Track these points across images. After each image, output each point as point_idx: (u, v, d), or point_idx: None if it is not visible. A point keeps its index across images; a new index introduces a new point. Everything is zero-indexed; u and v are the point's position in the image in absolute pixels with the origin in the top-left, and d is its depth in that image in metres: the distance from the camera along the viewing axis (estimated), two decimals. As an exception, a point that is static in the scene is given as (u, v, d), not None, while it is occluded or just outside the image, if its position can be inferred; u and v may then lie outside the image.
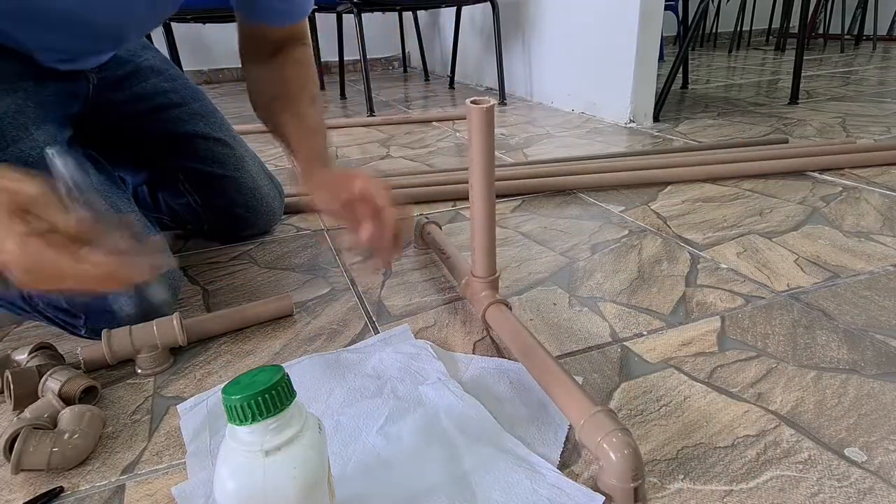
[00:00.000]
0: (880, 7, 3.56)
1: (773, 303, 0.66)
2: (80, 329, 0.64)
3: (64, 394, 0.52)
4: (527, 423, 0.49)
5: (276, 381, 0.30)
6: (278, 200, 0.95)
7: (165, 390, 0.56)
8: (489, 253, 0.60)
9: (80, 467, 0.47)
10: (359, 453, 0.45)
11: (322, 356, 0.58)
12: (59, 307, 0.63)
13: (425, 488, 0.41)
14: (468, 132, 0.55)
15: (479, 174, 0.55)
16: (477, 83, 2.75)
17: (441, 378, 0.53)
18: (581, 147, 1.45)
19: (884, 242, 0.80)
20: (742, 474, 0.43)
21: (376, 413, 0.49)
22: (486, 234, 0.58)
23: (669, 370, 0.55)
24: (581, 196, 1.06)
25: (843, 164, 1.13)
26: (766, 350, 0.58)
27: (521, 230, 0.92)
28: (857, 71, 2.52)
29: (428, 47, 3.27)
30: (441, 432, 0.47)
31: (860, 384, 0.52)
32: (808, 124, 1.55)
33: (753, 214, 0.93)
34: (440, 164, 1.35)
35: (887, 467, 0.43)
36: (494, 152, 0.55)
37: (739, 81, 2.43)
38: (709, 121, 1.66)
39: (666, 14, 1.86)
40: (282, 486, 0.30)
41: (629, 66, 1.63)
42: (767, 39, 4.23)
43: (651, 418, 0.49)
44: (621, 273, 0.76)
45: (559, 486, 0.42)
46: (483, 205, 0.57)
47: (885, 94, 1.93)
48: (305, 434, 0.31)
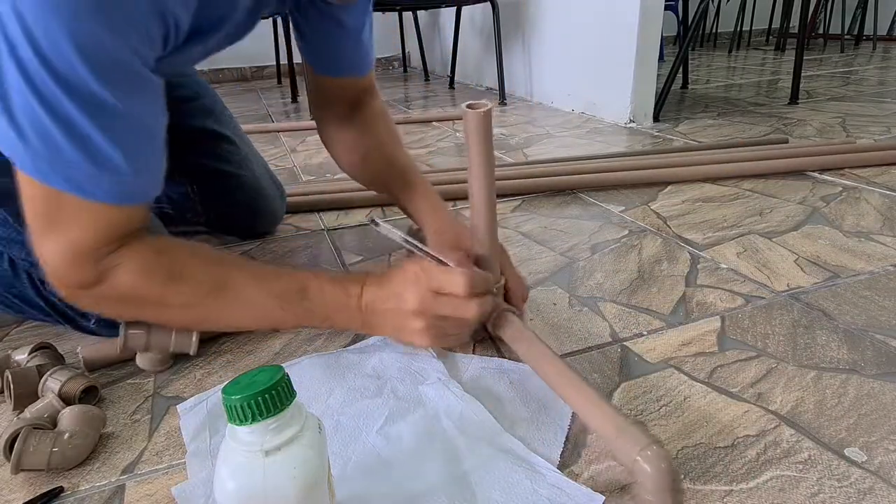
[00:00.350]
0: (880, 7, 3.56)
1: (773, 303, 0.66)
2: (89, 319, 0.64)
3: (64, 394, 0.52)
4: (527, 423, 0.48)
5: (276, 381, 0.30)
6: (280, 202, 0.95)
7: (165, 390, 0.56)
8: (492, 262, 0.59)
9: (80, 467, 0.47)
10: (359, 453, 0.45)
11: (322, 356, 0.58)
12: None
13: (425, 488, 0.41)
14: (465, 138, 0.53)
15: (480, 183, 0.54)
16: (477, 83, 2.75)
17: (441, 378, 0.53)
18: (581, 147, 1.45)
19: (884, 242, 0.80)
20: (742, 474, 0.43)
21: (376, 413, 0.49)
22: (488, 238, 0.57)
23: (669, 370, 0.55)
24: (581, 196, 1.06)
25: (843, 164, 1.13)
26: (766, 350, 0.58)
27: (521, 230, 0.92)
28: (857, 71, 2.52)
29: (428, 47, 3.27)
30: (441, 432, 0.47)
31: (860, 384, 0.52)
32: (808, 124, 1.55)
33: (753, 214, 0.93)
34: (440, 164, 1.35)
35: (887, 467, 0.43)
36: (494, 159, 0.53)
37: (739, 81, 2.43)
38: (709, 121, 1.66)
39: (666, 14, 1.86)
40: (282, 486, 0.30)
41: (629, 66, 1.63)
42: (767, 39, 4.23)
43: (651, 418, 0.49)
44: (621, 273, 0.76)
45: (559, 486, 0.42)
46: (484, 210, 0.55)
47: (885, 94, 1.93)
48: (305, 434, 0.31)
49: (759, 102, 1.91)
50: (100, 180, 0.46)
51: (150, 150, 0.50)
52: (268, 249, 0.89)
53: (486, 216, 0.56)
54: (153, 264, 0.51)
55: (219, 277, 0.52)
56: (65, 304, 0.63)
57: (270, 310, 0.53)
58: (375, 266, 0.82)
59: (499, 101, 2.18)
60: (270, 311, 0.53)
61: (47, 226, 0.48)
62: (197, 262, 0.53)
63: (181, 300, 0.52)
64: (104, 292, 0.50)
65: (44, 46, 0.40)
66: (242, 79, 3.40)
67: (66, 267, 0.49)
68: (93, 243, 0.48)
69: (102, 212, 0.47)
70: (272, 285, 0.53)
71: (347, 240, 0.92)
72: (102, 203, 0.47)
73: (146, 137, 0.49)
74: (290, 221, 1.01)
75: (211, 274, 0.52)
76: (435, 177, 1.18)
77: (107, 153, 0.45)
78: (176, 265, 0.52)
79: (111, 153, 0.45)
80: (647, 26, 1.57)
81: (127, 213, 0.49)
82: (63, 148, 0.43)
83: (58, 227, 0.47)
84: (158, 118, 0.51)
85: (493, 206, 0.56)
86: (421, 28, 3.11)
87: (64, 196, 0.45)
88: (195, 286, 0.52)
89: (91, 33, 0.40)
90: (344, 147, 0.80)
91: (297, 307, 0.53)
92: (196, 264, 0.53)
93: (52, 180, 0.45)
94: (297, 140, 1.69)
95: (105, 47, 0.41)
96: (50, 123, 0.42)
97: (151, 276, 0.50)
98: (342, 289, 0.54)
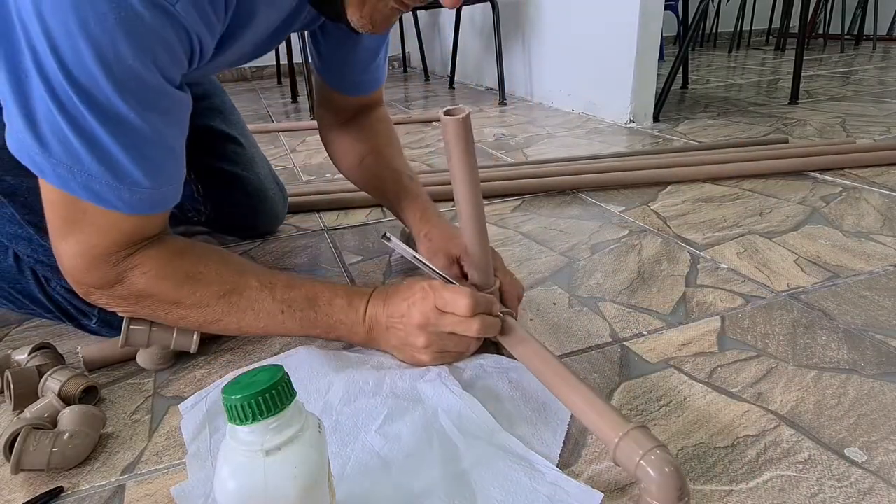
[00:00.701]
0: (880, 7, 3.56)
1: (773, 303, 0.66)
2: (91, 318, 0.64)
3: (64, 394, 0.52)
4: (526, 422, 0.48)
5: (276, 380, 0.30)
6: (282, 205, 0.95)
7: (165, 390, 0.56)
8: (484, 267, 0.59)
9: (80, 467, 0.47)
10: (358, 452, 0.45)
11: (321, 350, 0.58)
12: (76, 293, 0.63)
13: (425, 487, 0.41)
14: (445, 145, 0.52)
15: (465, 189, 0.53)
16: (477, 83, 2.75)
17: (440, 376, 0.53)
18: (581, 147, 1.45)
19: (884, 242, 0.80)
20: (742, 474, 0.43)
21: (375, 412, 0.49)
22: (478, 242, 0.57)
23: (669, 370, 0.55)
24: (581, 196, 1.06)
25: (843, 164, 1.13)
26: (766, 350, 0.58)
27: (521, 230, 0.92)
28: (857, 71, 2.52)
29: (428, 47, 3.27)
30: (440, 431, 0.47)
31: (860, 384, 0.52)
32: (808, 124, 1.55)
33: (753, 214, 0.93)
34: (440, 164, 1.35)
35: (887, 467, 0.43)
36: (477, 162, 0.53)
37: (739, 81, 2.43)
38: (709, 121, 1.66)
39: (666, 14, 1.86)
40: (282, 486, 0.30)
41: (629, 66, 1.63)
42: (767, 39, 4.23)
43: (651, 418, 0.49)
44: (621, 273, 0.76)
45: (558, 483, 0.42)
46: (472, 215, 0.55)
47: (885, 94, 1.93)
48: (306, 433, 0.31)
49: (759, 102, 1.91)
50: (119, 192, 0.46)
51: (171, 164, 0.50)
52: (268, 249, 0.89)
53: (474, 221, 0.56)
54: (170, 268, 0.52)
55: (232, 282, 0.53)
56: (67, 303, 0.64)
57: (279, 318, 0.54)
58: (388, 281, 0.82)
59: (499, 101, 2.18)
60: (279, 319, 0.54)
61: (66, 228, 0.48)
62: (213, 266, 0.54)
63: (194, 301, 0.53)
64: (119, 292, 0.51)
65: (67, 58, 0.40)
66: (242, 79, 3.40)
67: (84, 268, 0.50)
68: (111, 248, 0.49)
69: (122, 220, 0.48)
70: (283, 294, 0.54)
71: (347, 240, 0.92)
72: (121, 213, 0.47)
73: (167, 151, 0.49)
74: (291, 221, 1.01)
75: (225, 279, 0.53)
76: (435, 177, 1.18)
77: (126, 168, 0.45)
78: (193, 268, 0.53)
79: (130, 168, 0.45)
80: (647, 26, 1.57)
81: (146, 221, 0.50)
82: (83, 159, 0.44)
83: (77, 230, 0.48)
84: (181, 133, 0.51)
85: (481, 211, 0.56)
86: (421, 28, 3.11)
87: (83, 203, 0.46)
88: (209, 290, 0.53)
89: (114, 48, 0.41)
90: (342, 149, 0.81)
91: (304, 317, 0.54)
92: (212, 268, 0.53)
93: (72, 188, 0.45)
94: (297, 140, 1.69)
95: (127, 62, 0.42)
96: (71, 134, 0.43)
97: (167, 279, 0.51)
98: (348, 301, 0.55)
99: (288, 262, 0.84)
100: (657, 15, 1.58)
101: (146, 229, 0.50)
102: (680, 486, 0.37)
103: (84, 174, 0.44)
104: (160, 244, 0.52)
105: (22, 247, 0.62)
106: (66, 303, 0.64)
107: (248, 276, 0.54)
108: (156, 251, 0.51)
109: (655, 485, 0.37)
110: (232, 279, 0.54)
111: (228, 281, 0.53)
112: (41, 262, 0.62)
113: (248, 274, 0.55)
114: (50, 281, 0.63)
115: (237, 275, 0.54)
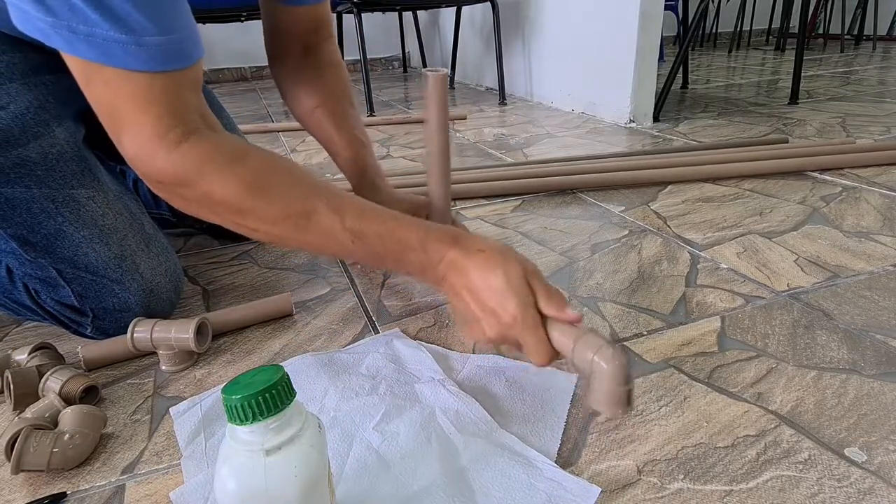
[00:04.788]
0: (880, 7, 3.56)
1: (773, 303, 0.66)
2: (86, 327, 0.64)
3: (64, 394, 0.52)
4: (523, 419, 0.49)
5: (275, 380, 0.30)
6: None
7: (165, 390, 0.56)
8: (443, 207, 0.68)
9: (80, 467, 0.47)
10: (356, 451, 0.45)
11: (315, 356, 0.58)
12: (68, 304, 0.63)
13: (423, 485, 0.42)
14: (425, 98, 0.64)
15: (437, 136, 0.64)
16: (477, 83, 2.75)
17: (436, 377, 0.53)
18: (581, 147, 1.45)
19: (884, 242, 0.80)
20: (742, 474, 0.43)
21: (372, 411, 0.49)
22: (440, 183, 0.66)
23: (669, 370, 0.55)
24: (581, 196, 1.06)
25: (843, 164, 1.13)
26: (766, 350, 0.58)
27: (521, 230, 0.92)
28: (857, 71, 2.52)
29: (428, 47, 3.27)
30: (437, 429, 0.47)
31: (860, 384, 0.52)
32: (808, 124, 1.55)
33: (753, 214, 0.93)
34: (440, 164, 1.35)
35: (887, 467, 0.43)
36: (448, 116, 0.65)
37: (739, 81, 2.43)
38: (709, 121, 1.66)
39: (666, 14, 1.86)
40: (283, 486, 0.30)
41: (629, 66, 1.63)
42: (767, 39, 4.23)
43: (651, 418, 0.49)
44: (621, 273, 0.76)
45: (556, 479, 0.42)
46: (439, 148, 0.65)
47: (885, 94, 1.93)
48: (306, 433, 0.31)
49: (759, 102, 1.92)
50: (126, 46, 0.45)
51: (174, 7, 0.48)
52: (268, 249, 0.89)
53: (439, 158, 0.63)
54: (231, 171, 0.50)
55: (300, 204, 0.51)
56: (59, 314, 0.64)
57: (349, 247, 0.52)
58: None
59: (499, 101, 2.18)
60: (349, 248, 0.52)
61: (113, 124, 0.48)
62: (277, 180, 0.52)
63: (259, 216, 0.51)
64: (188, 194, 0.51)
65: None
66: (242, 79, 3.40)
67: (147, 159, 0.49)
68: (157, 126, 0.48)
69: (146, 82, 0.47)
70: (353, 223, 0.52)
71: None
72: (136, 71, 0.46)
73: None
74: (290, 221, 1.00)
75: (292, 198, 0.51)
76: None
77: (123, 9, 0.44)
78: (256, 179, 0.51)
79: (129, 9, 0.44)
80: (647, 26, 1.57)
81: (173, 83, 0.48)
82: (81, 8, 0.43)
83: (120, 120, 0.48)
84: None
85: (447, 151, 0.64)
86: (421, 28, 3.11)
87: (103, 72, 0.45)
88: (274, 209, 0.51)
89: None
90: (295, 97, 0.78)
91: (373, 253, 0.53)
92: (276, 183, 0.52)
93: (79, 50, 0.44)
94: (297, 140, 1.69)
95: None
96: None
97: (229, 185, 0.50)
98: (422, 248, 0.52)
99: (288, 262, 0.84)
100: (657, 15, 1.58)
101: (175, 92, 0.49)
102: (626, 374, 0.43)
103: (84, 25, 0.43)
104: (214, 135, 0.51)
105: (10, 260, 0.63)
106: (59, 314, 0.64)
107: (314, 198, 0.52)
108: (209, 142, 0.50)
109: (605, 372, 0.43)
110: (299, 200, 0.51)
111: (295, 201, 0.51)
112: (29, 276, 0.62)
113: (315, 196, 0.52)
114: (40, 293, 0.64)
115: (303, 197, 0.52)
